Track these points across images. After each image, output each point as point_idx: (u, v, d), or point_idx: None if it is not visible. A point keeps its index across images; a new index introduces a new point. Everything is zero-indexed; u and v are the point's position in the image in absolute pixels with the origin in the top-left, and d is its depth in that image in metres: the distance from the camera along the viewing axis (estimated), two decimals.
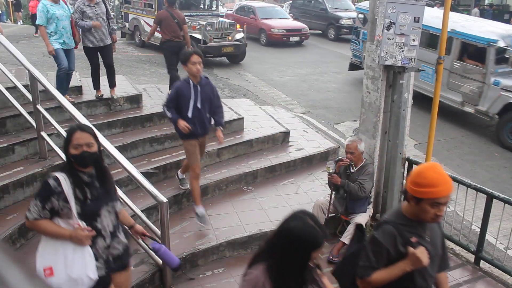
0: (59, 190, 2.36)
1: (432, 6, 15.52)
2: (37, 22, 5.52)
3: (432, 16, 8.52)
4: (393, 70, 4.74)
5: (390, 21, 4.47)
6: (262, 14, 18.23)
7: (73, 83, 6.38)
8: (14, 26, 18.85)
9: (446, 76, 8.93)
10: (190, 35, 12.24)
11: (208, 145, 5.99)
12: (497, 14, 20.77)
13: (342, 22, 18.49)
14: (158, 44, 13.93)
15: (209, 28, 12.82)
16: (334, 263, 4.47)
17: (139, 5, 15.22)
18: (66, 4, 5.83)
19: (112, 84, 6.25)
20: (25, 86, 4.79)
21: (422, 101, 8.93)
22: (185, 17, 12.93)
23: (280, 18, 18.27)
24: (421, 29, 4.59)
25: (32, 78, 4.32)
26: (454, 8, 18.39)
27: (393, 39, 4.53)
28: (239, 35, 13.61)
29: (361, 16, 11.89)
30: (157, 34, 8.74)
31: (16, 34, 15.76)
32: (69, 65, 5.79)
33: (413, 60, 4.62)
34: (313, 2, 20.49)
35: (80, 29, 6.00)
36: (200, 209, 4.61)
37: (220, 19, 14.21)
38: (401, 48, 4.55)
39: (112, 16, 6.23)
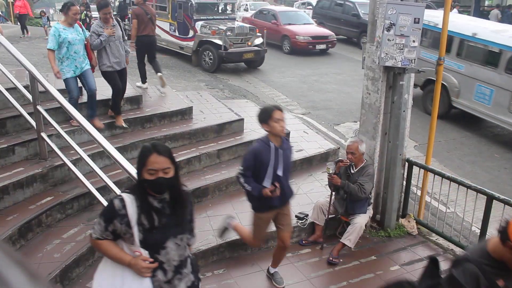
0: (123, 213, 2.14)
1: (432, 7, 15.44)
2: (47, 46, 5.14)
3: (489, 29, 8.35)
4: (393, 71, 4.75)
5: (390, 22, 4.48)
6: (285, 19, 16.80)
7: None
8: (14, 26, 18.85)
9: (508, 98, 8.05)
10: (210, 41, 12.28)
11: (208, 146, 6.01)
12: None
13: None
14: (164, 46, 13.74)
15: (229, 33, 12.29)
16: (333, 264, 4.47)
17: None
18: (81, 27, 5.48)
19: (118, 110, 5.82)
20: (25, 87, 4.79)
21: (477, 123, 8.87)
22: (202, 21, 12.46)
23: (304, 24, 16.83)
24: (421, 30, 4.60)
25: (32, 78, 4.32)
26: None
27: (393, 40, 4.53)
28: (258, 40, 13.13)
29: None
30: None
31: (16, 35, 15.76)
32: (89, 86, 5.43)
33: (413, 61, 4.62)
34: (342, 6, 18.51)
35: (96, 53, 5.64)
36: (275, 270, 4.17)
37: (240, 23, 13.80)
38: (401, 49, 4.56)
39: (126, 38, 5.95)
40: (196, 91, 8.92)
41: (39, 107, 4.36)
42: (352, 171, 4.68)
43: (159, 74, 7.82)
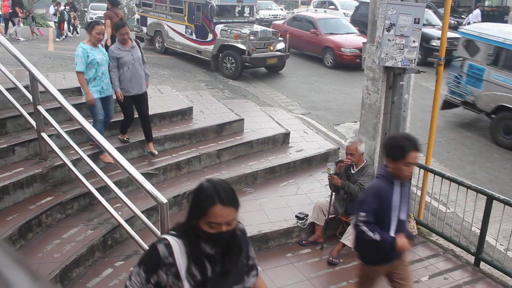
0: (170, 262, 1.74)
1: (432, 8, 15.41)
2: (76, 69, 4.80)
3: None
4: (393, 72, 4.75)
5: (391, 23, 4.48)
6: (326, 28, 14.56)
7: (73, 84, 6.38)
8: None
9: None
10: (232, 45, 11.62)
11: (208, 146, 6.01)
12: (497, 15, 20.73)
13: (434, 44, 13.52)
14: (179, 50, 13.48)
15: (253, 37, 11.62)
16: (333, 264, 4.48)
17: (162, 9, 14.10)
18: (103, 48, 5.26)
19: (149, 138, 5.53)
20: (26, 87, 4.80)
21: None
22: (221, 25, 12.19)
23: (347, 34, 14.74)
24: (421, 31, 4.60)
25: (33, 79, 4.32)
26: (453, 9, 18.32)
27: (393, 40, 4.53)
28: (280, 45, 12.57)
29: (468, 42, 9.09)
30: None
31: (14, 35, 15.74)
32: (108, 112, 5.20)
33: (413, 61, 4.62)
34: None
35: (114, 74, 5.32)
36: None
37: (263, 27, 13.16)
38: (401, 49, 4.56)
39: (146, 60, 5.56)
40: (196, 91, 8.92)
41: (39, 107, 4.36)
42: (352, 171, 4.68)
43: None
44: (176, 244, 1.77)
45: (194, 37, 12.96)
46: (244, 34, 11.66)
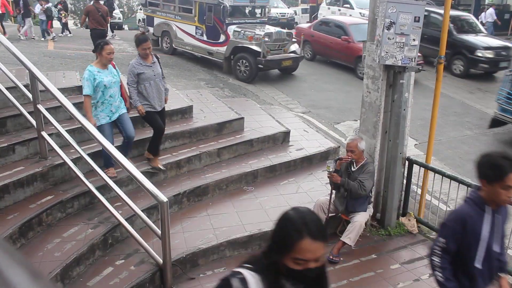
0: None
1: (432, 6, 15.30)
2: (83, 92, 4.56)
3: None
4: (393, 70, 4.75)
5: (391, 21, 4.47)
6: (358, 34, 12.35)
7: (74, 83, 6.38)
8: (15, 25, 18.82)
9: None
10: (247, 47, 11.37)
11: (208, 144, 6.01)
12: (498, 13, 20.70)
13: (480, 54, 12.44)
14: (188, 51, 13.21)
15: (267, 39, 11.24)
16: (334, 262, 4.48)
17: (171, 9, 13.68)
18: (115, 68, 4.92)
19: (157, 152, 5.32)
20: (26, 86, 4.80)
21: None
22: (234, 26, 11.86)
23: None
24: (421, 29, 4.59)
25: (33, 77, 4.32)
26: (454, 7, 18.24)
27: (393, 38, 4.52)
28: (294, 47, 12.27)
29: None
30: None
31: (16, 34, 15.74)
32: (127, 133, 4.91)
33: (413, 59, 4.62)
34: (426, 19, 12.94)
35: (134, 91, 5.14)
36: None
37: (277, 28, 12.55)
38: (402, 47, 4.55)
39: (164, 76, 5.39)
40: (196, 90, 8.91)
41: (39, 106, 4.36)
42: (352, 168, 4.68)
43: None
44: (252, 279, 1.56)
45: (205, 38, 12.57)
46: (259, 35, 11.29)
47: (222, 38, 12.08)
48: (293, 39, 12.42)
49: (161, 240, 3.68)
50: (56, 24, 17.83)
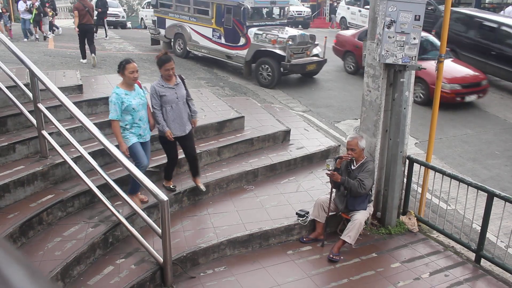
0: None
1: (432, 5, 15.18)
2: (110, 117, 4.23)
3: None
4: (393, 69, 4.74)
5: (391, 20, 4.47)
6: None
7: (73, 82, 6.38)
8: (15, 25, 18.83)
9: None
10: (270, 51, 10.73)
11: (209, 143, 6.01)
12: (497, 12, 20.67)
13: None
14: (204, 54, 12.65)
15: (291, 42, 10.70)
16: (334, 261, 4.48)
17: (184, 10, 13.10)
18: (141, 87, 4.58)
19: (196, 173, 5.10)
20: (26, 85, 4.80)
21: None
22: (254, 28, 11.35)
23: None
24: (421, 27, 4.59)
25: (33, 76, 4.32)
26: (454, 6, 18.16)
27: (393, 37, 4.52)
28: (316, 50, 11.72)
29: None
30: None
31: (16, 33, 15.76)
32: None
33: (413, 58, 4.61)
34: (495, 32, 11.62)
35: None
36: None
37: (301, 31, 12.15)
38: (402, 46, 4.55)
39: (191, 97, 4.97)
40: (196, 89, 8.91)
41: (39, 105, 4.36)
42: (352, 167, 4.69)
43: (92, 55, 10.63)
44: None
45: (223, 41, 11.97)
46: (283, 38, 10.74)
47: (242, 41, 11.52)
48: (316, 42, 11.83)
49: (161, 239, 3.68)
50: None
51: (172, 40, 13.66)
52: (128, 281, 3.66)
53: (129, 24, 26.57)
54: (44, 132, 4.48)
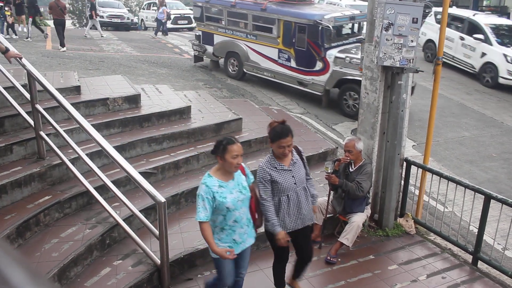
0: None
1: (430, 7, 15.17)
2: (198, 218, 3.09)
3: None
4: (391, 71, 4.76)
5: (389, 22, 4.48)
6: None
7: (71, 83, 6.37)
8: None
9: None
10: (359, 80, 7.49)
11: (206, 145, 6.01)
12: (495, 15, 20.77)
13: None
14: (266, 77, 10.83)
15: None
16: (331, 263, 4.48)
17: (240, 26, 11.20)
18: (244, 173, 3.40)
19: (298, 275, 4.01)
20: (24, 86, 4.79)
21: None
22: (334, 50, 9.35)
23: None
24: (419, 30, 4.61)
25: (31, 77, 4.32)
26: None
27: (391, 40, 4.54)
28: None
29: None
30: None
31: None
32: (240, 269, 3.52)
33: (411, 61, 4.63)
34: None
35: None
36: None
37: None
38: (400, 49, 4.57)
39: (311, 176, 3.77)
40: (194, 91, 8.91)
41: (37, 106, 4.35)
42: (350, 169, 4.69)
43: (62, 46, 13.54)
44: None
45: (293, 64, 10.09)
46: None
47: (319, 65, 9.66)
48: None
49: (159, 240, 3.68)
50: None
51: (223, 59, 11.94)
52: (125, 283, 3.66)
53: (147, 24, 23.75)
54: (42, 133, 4.47)
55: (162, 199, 3.54)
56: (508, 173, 7.31)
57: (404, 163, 5.20)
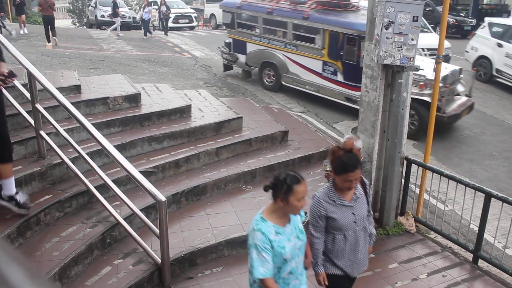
0: None
1: (430, 6, 15.22)
2: (256, 274, 2.46)
3: None
4: (391, 69, 4.75)
5: (389, 20, 4.48)
6: None
7: (71, 82, 6.37)
8: (14, 24, 18.78)
9: None
10: (419, 99, 7.81)
11: (207, 144, 6.01)
12: (496, 14, 20.76)
13: None
14: (307, 90, 9.95)
15: (441, 84, 7.37)
16: None
17: (277, 35, 10.42)
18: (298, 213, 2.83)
19: None
20: (24, 85, 4.79)
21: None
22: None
23: None
24: (419, 28, 4.60)
25: (31, 77, 4.32)
26: (452, 8, 18.22)
27: (391, 38, 4.53)
28: (460, 87, 9.17)
29: None
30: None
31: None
32: None
33: (411, 59, 4.62)
34: None
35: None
36: None
37: (451, 66, 9.06)
38: (400, 47, 4.56)
39: (371, 212, 3.37)
40: (194, 89, 8.91)
41: (37, 105, 4.35)
42: None
43: (54, 38, 14.16)
44: None
45: (340, 78, 9.22)
46: (431, 81, 7.32)
47: None
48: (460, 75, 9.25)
49: (159, 239, 3.68)
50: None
51: (258, 69, 11.14)
52: (126, 282, 3.66)
53: (157, 23, 22.50)
54: (42, 133, 4.47)
55: (163, 198, 3.55)
56: (509, 172, 7.31)
57: (405, 162, 5.20)
